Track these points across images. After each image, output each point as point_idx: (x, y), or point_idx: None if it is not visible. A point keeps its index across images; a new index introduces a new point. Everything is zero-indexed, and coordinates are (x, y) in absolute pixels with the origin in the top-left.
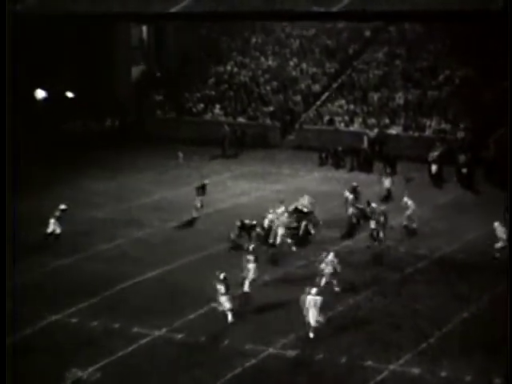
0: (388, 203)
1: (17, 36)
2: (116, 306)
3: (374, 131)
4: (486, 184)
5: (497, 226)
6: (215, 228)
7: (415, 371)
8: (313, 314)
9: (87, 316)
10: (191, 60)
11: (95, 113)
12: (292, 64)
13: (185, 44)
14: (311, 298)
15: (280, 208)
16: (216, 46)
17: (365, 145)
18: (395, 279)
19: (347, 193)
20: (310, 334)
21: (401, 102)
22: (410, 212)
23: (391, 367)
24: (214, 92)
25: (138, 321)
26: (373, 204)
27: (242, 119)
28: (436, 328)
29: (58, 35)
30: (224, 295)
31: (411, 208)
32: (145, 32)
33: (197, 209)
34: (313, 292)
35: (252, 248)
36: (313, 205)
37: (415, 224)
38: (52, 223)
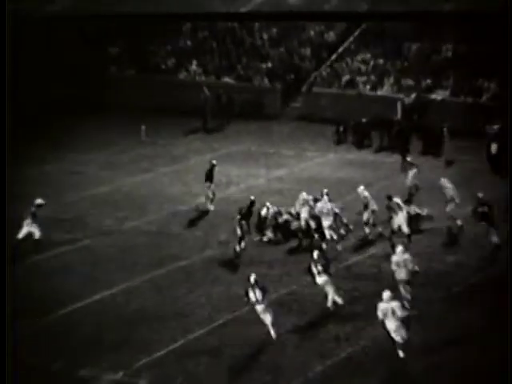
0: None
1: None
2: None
3: (411, 96)
4: None
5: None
6: (189, 232)
7: None
8: (393, 327)
9: (21, 345)
10: None
11: None
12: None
13: None
14: (385, 306)
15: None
16: None
17: (398, 115)
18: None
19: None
20: (400, 353)
21: (449, 55)
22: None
23: None
24: (190, 42)
25: (84, 360)
26: (395, 199)
27: (229, 79)
28: None
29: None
30: (260, 304)
31: (449, 194)
32: None
33: (209, 199)
34: (385, 297)
35: (318, 255)
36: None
37: (460, 221)
38: (26, 224)
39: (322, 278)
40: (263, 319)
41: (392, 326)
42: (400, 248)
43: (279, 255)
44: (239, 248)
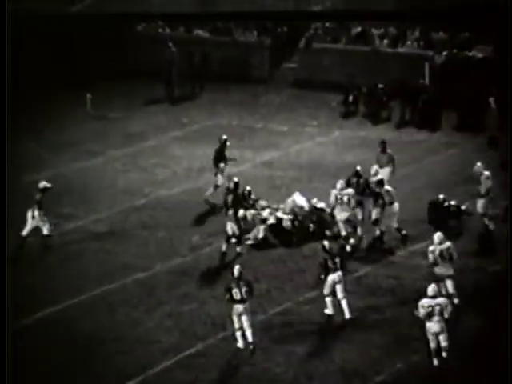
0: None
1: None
2: None
3: (443, 54)
4: None
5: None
6: (151, 234)
7: None
8: (438, 329)
9: None
10: None
11: None
12: None
13: None
14: (430, 303)
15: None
16: None
17: (426, 79)
18: None
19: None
20: (434, 361)
21: None
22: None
23: None
24: None
25: None
26: (387, 186)
27: (203, 33)
28: None
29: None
30: (243, 303)
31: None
32: None
33: (216, 186)
34: (430, 292)
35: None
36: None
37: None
38: (31, 217)
39: (337, 274)
40: (237, 321)
41: (436, 328)
42: (438, 234)
43: (267, 264)
44: (225, 248)
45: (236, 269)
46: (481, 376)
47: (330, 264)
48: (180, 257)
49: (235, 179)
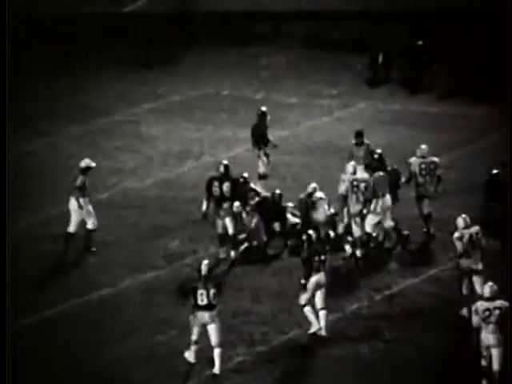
0: None
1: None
2: None
3: None
4: None
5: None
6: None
7: None
8: (493, 341)
9: None
10: None
11: None
12: None
13: None
14: (488, 307)
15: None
16: None
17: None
18: None
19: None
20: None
21: None
22: None
23: None
24: None
25: None
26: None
27: None
28: None
29: None
30: (211, 310)
31: None
32: None
33: (259, 176)
34: (488, 292)
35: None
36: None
37: None
38: (73, 209)
39: (321, 274)
40: (196, 334)
41: (492, 340)
42: (463, 216)
43: (268, 279)
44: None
45: (204, 264)
46: None
47: (316, 261)
48: (154, 269)
49: (224, 162)
